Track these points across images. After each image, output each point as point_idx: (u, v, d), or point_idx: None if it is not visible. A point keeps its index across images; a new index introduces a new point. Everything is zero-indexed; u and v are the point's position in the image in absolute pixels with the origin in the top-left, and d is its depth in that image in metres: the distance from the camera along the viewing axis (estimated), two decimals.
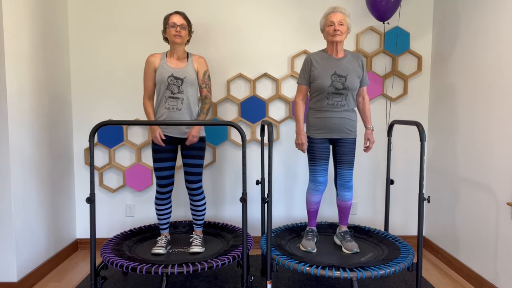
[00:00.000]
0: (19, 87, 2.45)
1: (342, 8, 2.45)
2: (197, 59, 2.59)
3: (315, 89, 2.50)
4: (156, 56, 2.55)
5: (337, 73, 2.46)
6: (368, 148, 2.61)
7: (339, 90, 2.46)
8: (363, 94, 2.62)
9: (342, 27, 2.41)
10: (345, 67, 2.48)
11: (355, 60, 2.53)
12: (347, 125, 2.52)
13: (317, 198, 2.57)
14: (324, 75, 2.45)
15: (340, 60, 2.49)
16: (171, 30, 2.48)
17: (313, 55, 2.52)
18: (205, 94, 2.60)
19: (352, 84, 2.47)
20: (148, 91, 2.58)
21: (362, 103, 2.64)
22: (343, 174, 2.55)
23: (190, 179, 2.60)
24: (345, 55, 2.52)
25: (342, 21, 2.41)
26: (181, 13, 2.53)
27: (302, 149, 2.54)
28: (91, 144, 2.16)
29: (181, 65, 2.54)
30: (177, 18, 2.49)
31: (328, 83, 2.44)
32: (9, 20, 2.35)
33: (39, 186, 2.69)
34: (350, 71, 2.47)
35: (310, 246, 2.49)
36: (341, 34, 2.42)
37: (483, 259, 2.55)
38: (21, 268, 2.49)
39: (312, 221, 2.65)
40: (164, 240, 2.63)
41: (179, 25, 2.47)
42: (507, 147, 2.33)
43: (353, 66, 2.50)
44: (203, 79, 2.58)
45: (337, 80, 2.45)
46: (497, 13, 2.43)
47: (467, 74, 2.74)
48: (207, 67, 2.61)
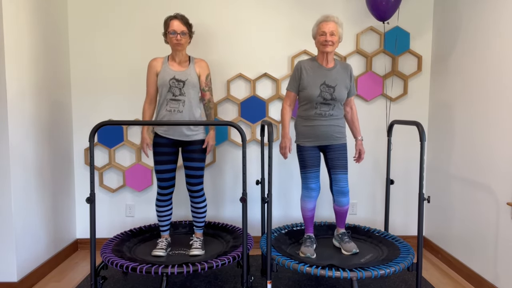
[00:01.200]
0: (19, 87, 2.46)
1: (335, 17, 2.44)
2: (199, 63, 2.60)
3: (304, 98, 2.51)
4: (158, 61, 2.56)
5: (326, 83, 2.47)
6: (360, 158, 2.64)
7: (327, 100, 2.47)
8: (350, 104, 2.65)
9: (333, 38, 2.42)
10: (334, 77, 2.49)
11: (344, 70, 2.54)
12: (335, 132, 2.53)
13: (311, 204, 2.57)
14: (313, 84, 2.47)
15: (329, 70, 2.51)
16: (172, 38, 2.47)
17: (303, 62, 2.53)
18: (208, 97, 2.62)
19: (340, 95, 2.49)
20: (150, 96, 2.58)
21: (350, 113, 2.67)
22: (338, 180, 2.54)
23: (191, 181, 2.60)
24: (335, 65, 2.54)
25: (334, 31, 2.42)
26: (180, 17, 2.49)
27: (284, 152, 2.56)
28: (91, 144, 2.16)
29: (182, 68, 2.55)
30: (177, 24, 2.47)
31: (316, 93, 2.46)
32: (9, 21, 2.35)
33: (39, 186, 2.69)
34: (339, 82, 2.49)
35: (309, 252, 2.48)
36: (332, 45, 2.43)
37: (483, 259, 2.55)
38: (21, 268, 2.49)
39: (309, 228, 2.65)
40: (164, 243, 2.63)
41: (179, 33, 2.46)
42: (507, 147, 2.33)
43: (342, 77, 2.52)
44: (205, 82, 2.59)
45: (326, 90, 2.47)
46: (497, 12, 2.43)
47: (467, 74, 2.74)
48: (209, 71, 2.62)
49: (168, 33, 2.49)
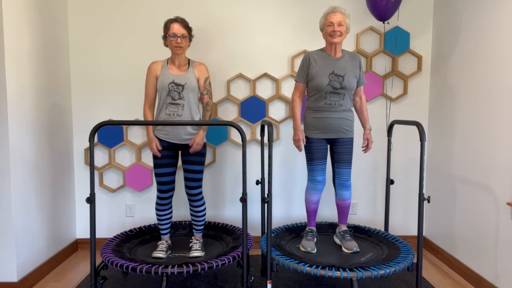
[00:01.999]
0: (19, 87, 2.46)
1: (342, 8, 2.45)
2: (198, 66, 2.59)
3: (313, 88, 2.51)
4: (157, 64, 2.55)
5: (335, 72, 2.47)
6: (368, 148, 2.63)
7: (337, 89, 2.47)
8: (360, 93, 2.64)
9: (341, 28, 2.42)
10: (343, 66, 2.49)
11: (353, 60, 2.54)
12: (345, 125, 2.53)
13: (316, 197, 2.57)
14: (322, 74, 2.46)
15: (338, 60, 2.50)
16: (172, 41, 2.47)
17: (311, 53, 2.53)
18: (206, 100, 2.61)
19: (350, 84, 2.48)
20: (149, 99, 2.58)
21: (359, 102, 2.66)
22: (342, 173, 2.56)
23: (190, 185, 2.60)
24: (343, 55, 2.54)
25: (342, 21, 2.42)
26: (180, 21, 2.48)
27: (298, 145, 2.55)
28: (91, 144, 2.16)
29: (182, 72, 2.54)
30: (177, 28, 2.46)
31: (326, 82, 2.45)
32: (9, 21, 2.35)
33: (39, 186, 2.69)
34: (348, 71, 2.49)
35: (310, 247, 2.49)
36: (340, 35, 2.43)
37: (483, 259, 2.55)
38: (21, 268, 2.49)
39: (312, 221, 2.65)
40: (164, 245, 2.62)
41: (179, 36, 2.45)
42: (507, 146, 2.33)
43: (351, 66, 2.51)
44: (204, 85, 2.58)
45: (335, 79, 2.46)
46: (498, 12, 2.43)
47: (467, 74, 2.74)
48: (208, 74, 2.61)
49: (168, 36, 2.48)
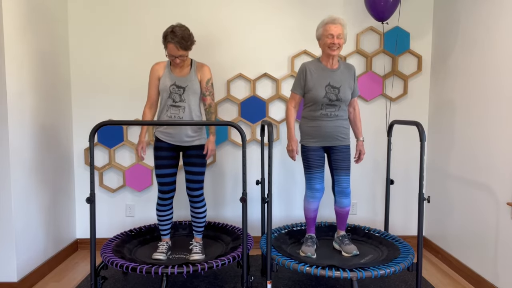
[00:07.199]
0: (19, 87, 2.46)
1: (341, 19, 2.45)
2: (201, 67, 2.57)
3: (309, 99, 2.52)
4: (160, 65, 2.55)
5: (331, 84, 2.49)
6: (360, 159, 2.66)
7: (333, 101, 2.49)
8: (353, 104, 2.66)
9: (340, 41, 2.43)
10: (339, 78, 2.51)
11: (348, 71, 2.56)
12: (341, 133, 2.54)
13: (314, 205, 2.58)
14: (318, 86, 2.48)
15: (334, 72, 2.52)
16: (169, 58, 2.45)
17: (308, 64, 2.54)
18: (208, 102, 2.59)
19: (345, 96, 2.51)
20: (151, 100, 2.58)
21: (353, 113, 2.68)
22: (341, 181, 2.56)
23: (191, 186, 2.59)
24: (339, 66, 2.55)
25: (341, 34, 2.43)
26: (177, 41, 2.35)
27: (292, 155, 2.57)
28: (91, 144, 2.16)
29: (184, 74, 2.53)
30: (174, 50, 2.38)
31: (322, 94, 2.47)
32: (9, 21, 2.35)
33: (39, 186, 2.69)
34: (343, 83, 2.51)
35: (310, 252, 2.49)
36: (338, 48, 2.44)
37: (483, 259, 2.55)
38: (21, 268, 2.49)
39: (311, 228, 2.65)
40: (165, 246, 2.62)
41: (177, 57, 2.42)
42: (507, 146, 2.33)
43: (346, 78, 2.53)
44: (206, 87, 2.57)
45: (331, 91, 2.48)
46: (497, 12, 2.43)
47: (467, 74, 2.74)
48: (210, 75, 2.59)
49: (166, 50, 2.44)
